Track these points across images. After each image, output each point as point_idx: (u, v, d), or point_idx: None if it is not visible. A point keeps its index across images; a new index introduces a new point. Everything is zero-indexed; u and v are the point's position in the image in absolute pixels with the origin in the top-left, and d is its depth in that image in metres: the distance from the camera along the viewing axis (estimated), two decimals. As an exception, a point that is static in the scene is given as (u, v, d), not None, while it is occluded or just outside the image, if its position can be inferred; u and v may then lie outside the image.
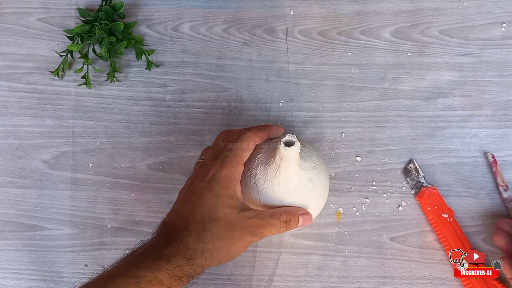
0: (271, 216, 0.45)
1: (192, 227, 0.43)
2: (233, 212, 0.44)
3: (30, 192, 0.59)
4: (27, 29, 0.63)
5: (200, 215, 0.44)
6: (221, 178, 0.45)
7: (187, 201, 0.45)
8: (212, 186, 0.45)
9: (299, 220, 0.47)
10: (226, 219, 0.44)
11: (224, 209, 0.44)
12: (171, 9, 0.63)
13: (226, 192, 0.45)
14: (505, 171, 0.57)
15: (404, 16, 0.62)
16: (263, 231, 0.45)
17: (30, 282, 0.56)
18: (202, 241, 0.43)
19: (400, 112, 0.59)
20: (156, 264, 0.41)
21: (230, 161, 0.46)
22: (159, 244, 0.43)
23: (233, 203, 0.45)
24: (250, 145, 0.48)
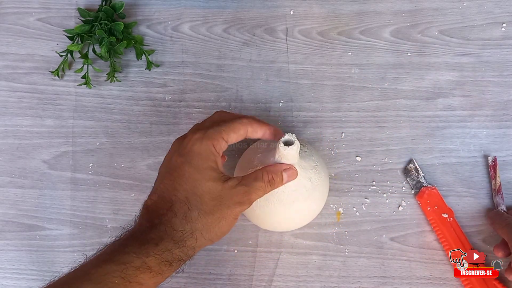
0: (255, 179, 0.44)
1: (176, 207, 0.41)
2: (217, 185, 0.42)
3: (30, 192, 0.58)
4: (27, 29, 0.63)
5: (183, 192, 0.42)
6: (200, 150, 0.43)
7: (168, 179, 0.43)
8: (191, 159, 0.42)
9: (283, 176, 0.45)
10: (211, 193, 0.42)
11: (207, 182, 0.42)
12: (171, 9, 0.63)
13: (207, 165, 0.42)
14: (505, 171, 0.57)
15: (404, 16, 0.62)
16: (250, 197, 0.43)
17: (30, 282, 0.56)
18: (189, 221, 0.41)
19: (400, 112, 0.59)
20: (143, 249, 0.39)
21: (212, 134, 0.44)
22: (144, 228, 0.41)
23: (215, 176, 0.42)
24: (241, 130, 0.45)
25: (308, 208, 0.51)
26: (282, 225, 0.53)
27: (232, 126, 0.45)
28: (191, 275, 0.56)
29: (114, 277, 0.38)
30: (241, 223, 0.56)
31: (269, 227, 0.54)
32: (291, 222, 0.52)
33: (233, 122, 0.45)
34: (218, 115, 0.48)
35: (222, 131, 0.44)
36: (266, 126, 0.48)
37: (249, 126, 0.46)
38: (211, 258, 0.56)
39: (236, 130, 0.45)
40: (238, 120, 0.45)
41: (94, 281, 0.37)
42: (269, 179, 0.44)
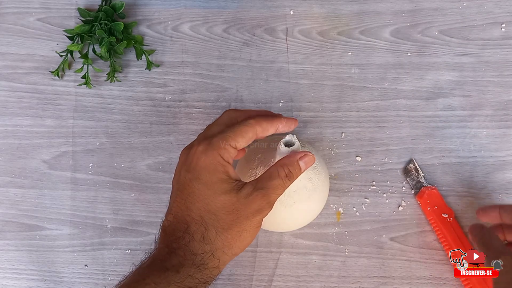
0: (270, 178, 0.41)
1: (193, 228, 0.39)
2: (231, 197, 0.39)
3: (30, 192, 0.58)
4: (27, 29, 0.63)
5: (197, 211, 0.40)
6: (207, 164, 0.40)
7: (180, 197, 0.41)
8: (199, 175, 0.40)
9: (301, 165, 0.42)
10: (226, 208, 0.39)
11: (220, 197, 0.39)
12: (171, 9, 0.63)
13: (216, 178, 0.40)
14: (505, 171, 0.57)
15: (404, 16, 0.62)
16: (270, 199, 0.40)
17: (30, 282, 0.56)
18: (208, 242, 0.39)
19: (400, 112, 0.59)
20: (163, 277, 0.37)
21: (217, 143, 0.41)
22: (163, 253, 0.39)
23: (227, 187, 0.40)
24: (249, 133, 0.42)
25: (309, 208, 0.51)
26: (282, 226, 0.53)
27: (239, 130, 0.42)
28: (191, 275, 0.56)
29: None
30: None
31: (268, 228, 0.54)
32: (292, 223, 0.52)
33: (240, 126, 0.42)
34: (227, 115, 0.46)
35: (228, 138, 0.41)
36: (277, 121, 0.45)
37: (258, 126, 0.43)
38: (211, 258, 0.56)
39: (244, 134, 0.42)
40: (245, 123, 0.43)
41: None
42: (286, 173, 0.41)
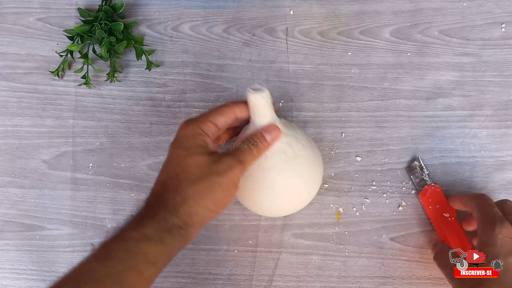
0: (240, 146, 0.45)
1: (168, 183, 0.43)
2: (204, 157, 0.43)
3: (30, 192, 0.58)
4: (27, 29, 0.63)
5: (173, 169, 0.44)
6: (187, 132, 0.45)
7: (164, 166, 0.45)
8: (180, 142, 0.45)
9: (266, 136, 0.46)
10: (198, 164, 0.43)
11: (194, 156, 0.44)
12: (171, 9, 0.63)
13: (194, 143, 0.44)
14: (505, 171, 0.57)
15: (404, 16, 0.62)
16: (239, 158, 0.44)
17: (30, 282, 0.56)
18: (179, 191, 0.42)
19: (400, 112, 0.59)
20: (140, 223, 0.41)
21: (198, 118, 0.46)
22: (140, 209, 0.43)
23: (202, 150, 0.44)
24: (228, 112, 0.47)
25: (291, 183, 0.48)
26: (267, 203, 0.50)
27: (219, 109, 0.47)
28: (191, 275, 0.56)
29: (117, 250, 0.39)
30: (241, 223, 0.56)
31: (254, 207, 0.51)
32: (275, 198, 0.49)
33: (219, 106, 0.47)
34: None
35: (208, 115, 0.46)
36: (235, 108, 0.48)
37: (236, 107, 0.47)
38: (211, 258, 0.56)
39: (223, 113, 0.46)
40: (224, 104, 0.47)
41: (100, 259, 0.39)
42: (251, 142, 0.46)
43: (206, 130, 0.45)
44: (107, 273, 0.38)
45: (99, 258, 0.39)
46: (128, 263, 0.39)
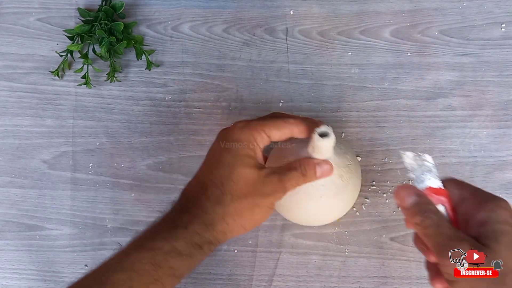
0: (288, 168, 0.43)
1: (210, 190, 0.42)
2: (252, 171, 0.42)
3: (30, 192, 0.59)
4: (27, 29, 0.63)
5: (219, 177, 0.42)
6: (240, 137, 0.43)
7: (206, 164, 0.44)
8: (231, 146, 0.43)
9: (317, 170, 0.44)
10: (245, 179, 0.42)
11: (243, 168, 0.42)
12: (171, 9, 0.63)
13: (244, 152, 0.43)
14: (505, 171, 0.57)
15: (404, 16, 0.62)
16: (284, 185, 0.43)
17: (30, 282, 0.56)
18: (222, 205, 0.41)
19: (400, 112, 0.59)
20: (172, 232, 0.39)
21: (254, 125, 0.44)
22: (176, 211, 0.42)
23: (251, 162, 0.42)
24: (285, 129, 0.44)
25: (336, 205, 0.50)
26: (306, 218, 0.52)
27: (276, 123, 0.45)
28: (191, 275, 0.56)
29: (145, 263, 0.38)
30: (241, 223, 0.56)
31: (293, 219, 0.53)
32: (316, 217, 0.51)
33: (279, 120, 0.45)
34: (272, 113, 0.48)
35: (265, 125, 0.44)
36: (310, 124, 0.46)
37: (296, 127, 0.45)
38: (211, 258, 0.56)
39: (280, 127, 0.44)
40: (285, 119, 0.45)
41: (125, 269, 0.38)
42: (302, 171, 0.44)
43: (259, 140, 0.44)
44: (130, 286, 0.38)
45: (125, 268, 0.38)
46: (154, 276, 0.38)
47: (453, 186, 0.41)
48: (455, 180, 0.42)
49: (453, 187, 0.41)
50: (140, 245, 0.40)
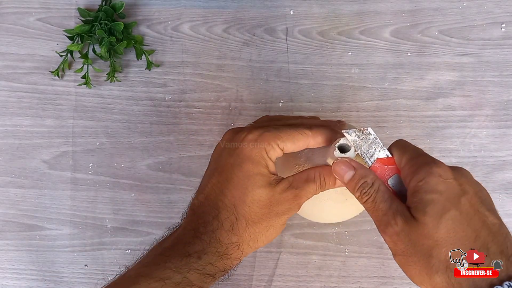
0: (306, 180, 0.41)
1: (223, 215, 0.39)
2: (267, 191, 0.39)
3: (30, 192, 0.59)
4: (27, 29, 0.63)
5: (231, 198, 0.39)
6: (252, 154, 0.40)
7: (216, 179, 0.41)
8: (242, 163, 0.40)
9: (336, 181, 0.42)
10: (260, 201, 0.39)
11: (257, 190, 0.39)
12: (171, 9, 0.63)
13: (257, 170, 0.40)
14: (505, 171, 0.57)
15: (404, 16, 0.62)
16: (300, 201, 0.41)
17: (30, 282, 0.56)
18: (236, 233, 0.39)
19: (400, 112, 0.59)
20: (184, 262, 0.38)
21: (267, 138, 0.40)
22: (188, 236, 0.39)
23: (265, 181, 0.40)
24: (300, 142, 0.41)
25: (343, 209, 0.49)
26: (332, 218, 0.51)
27: (292, 135, 0.41)
28: (191, 275, 0.55)
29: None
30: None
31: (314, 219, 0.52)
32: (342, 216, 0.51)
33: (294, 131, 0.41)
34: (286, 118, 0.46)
35: (279, 138, 0.40)
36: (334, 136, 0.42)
37: (312, 139, 0.42)
38: (211, 258, 0.56)
39: (295, 140, 0.41)
40: (300, 131, 0.41)
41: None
42: (321, 182, 0.41)
43: (272, 154, 0.41)
44: None
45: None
46: None
47: (396, 152, 0.39)
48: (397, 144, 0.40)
49: (396, 153, 0.39)
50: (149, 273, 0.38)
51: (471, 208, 0.35)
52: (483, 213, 0.35)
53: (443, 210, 0.34)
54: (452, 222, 0.34)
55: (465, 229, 0.34)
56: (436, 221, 0.34)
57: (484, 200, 0.36)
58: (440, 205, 0.34)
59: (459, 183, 0.35)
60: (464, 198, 0.35)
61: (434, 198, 0.34)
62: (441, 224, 0.34)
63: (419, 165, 0.36)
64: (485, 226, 0.34)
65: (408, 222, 0.35)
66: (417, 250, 0.34)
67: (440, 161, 0.36)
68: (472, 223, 0.34)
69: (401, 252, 0.36)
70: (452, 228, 0.34)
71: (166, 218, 0.57)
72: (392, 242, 0.36)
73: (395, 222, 0.35)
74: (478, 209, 0.35)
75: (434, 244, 0.34)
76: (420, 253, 0.34)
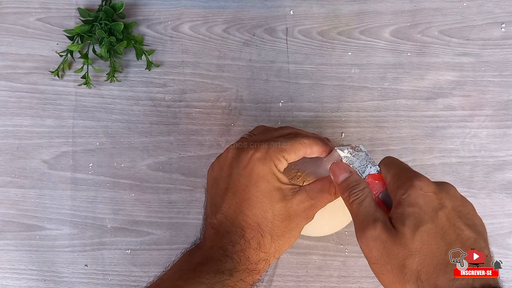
0: (321, 190, 0.43)
1: (249, 234, 0.41)
2: (285, 204, 0.42)
3: (30, 192, 0.59)
4: (27, 29, 0.63)
5: (253, 218, 0.41)
6: (264, 173, 0.42)
7: (232, 199, 0.42)
8: (256, 182, 0.41)
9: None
10: (280, 215, 0.41)
11: (276, 205, 0.41)
12: (171, 9, 0.63)
13: (272, 186, 0.41)
14: (505, 171, 0.57)
15: (404, 16, 0.62)
16: (316, 210, 0.43)
17: (30, 282, 0.56)
18: (263, 250, 0.41)
19: (400, 112, 0.59)
20: (217, 278, 0.39)
21: (273, 154, 0.42)
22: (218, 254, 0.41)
23: (282, 195, 0.42)
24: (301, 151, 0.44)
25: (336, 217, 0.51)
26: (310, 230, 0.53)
27: (294, 146, 0.43)
28: (191, 275, 0.56)
29: None
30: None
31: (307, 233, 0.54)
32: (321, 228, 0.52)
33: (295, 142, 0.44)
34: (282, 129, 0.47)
35: (284, 151, 0.43)
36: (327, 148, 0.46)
37: (309, 148, 0.45)
38: (211, 258, 0.56)
39: (297, 151, 0.44)
40: (300, 141, 0.44)
41: None
42: (334, 192, 0.44)
43: (280, 167, 0.43)
44: None
45: None
46: None
47: (383, 168, 0.42)
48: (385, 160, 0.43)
49: (383, 169, 0.42)
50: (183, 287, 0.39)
51: (447, 222, 0.36)
52: (459, 227, 0.37)
53: (420, 223, 0.36)
54: (427, 234, 0.36)
55: (438, 242, 0.36)
56: (412, 232, 0.36)
57: (463, 214, 0.38)
58: (418, 217, 0.36)
59: (439, 197, 0.37)
60: (442, 212, 0.37)
61: (414, 211, 0.36)
62: (417, 235, 0.36)
63: (403, 180, 0.39)
64: (459, 239, 0.36)
65: (386, 231, 0.37)
66: (391, 259, 0.36)
67: (423, 176, 0.39)
68: (446, 236, 0.36)
69: (375, 260, 0.37)
70: (426, 240, 0.36)
71: (166, 218, 0.57)
72: (367, 249, 0.38)
73: (374, 227, 0.37)
74: (454, 223, 0.37)
75: (408, 254, 0.36)
76: (394, 262, 0.36)
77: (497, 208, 0.57)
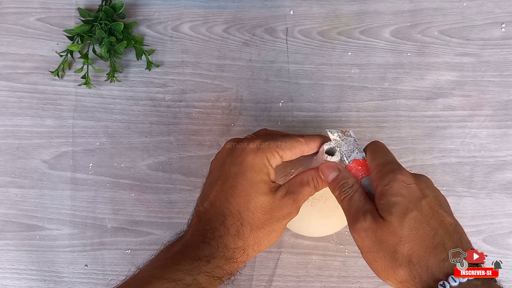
0: (301, 184, 0.44)
1: (229, 221, 0.42)
2: (269, 198, 0.42)
3: (30, 192, 0.59)
4: (27, 29, 0.63)
5: (236, 206, 0.42)
6: (254, 163, 0.42)
7: (220, 187, 0.43)
8: (246, 172, 0.42)
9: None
10: (262, 207, 0.42)
11: (260, 197, 0.42)
12: (171, 9, 0.63)
13: (260, 178, 0.42)
14: (505, 171, 0.57)
15: (404, 16, 0.62)
16: (298, 205, 0.44)
17: (30, 282, 0.56)
18: (242, 238, 0.42)
19: (400, 112, 0.59)
20: (194, 265, 0.40)
21: (267, 147, 0.43)
22: (197, 241, 0.42)
23: (267, 188, 0.42)
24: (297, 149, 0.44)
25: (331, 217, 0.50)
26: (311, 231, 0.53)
27: (289, 144, 0.44)
28: (191, 275, 0.56)
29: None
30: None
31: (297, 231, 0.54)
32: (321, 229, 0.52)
33: (291, 140, 0.45)
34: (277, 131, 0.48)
35: (278, 146, 0.44)
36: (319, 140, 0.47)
37: (306, 145, 0.45)
38: (211, 258, 0.56)
39: (292, 148, 0.44)
40: (295, 139, 0.45)
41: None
42: (315, 184, 0.44)
43: (272, 162, 0.43)
44: None
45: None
46: None
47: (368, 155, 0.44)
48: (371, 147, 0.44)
49: (369, 156, 0.44)
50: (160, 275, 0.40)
51: (430, 210, 0.39)
52: (441, 214, 0.39)
53: (406, 211, 0.38)
54: (414, 221, 0.38)
55: (425, 227, 0.38)
56: (400, 220, 0.38)
57: (442, 203, 0.40)
58: (404, 206, 0.38)
59: (420, 188, 0.39)
60: (425, 200, 0.39)
61: (399, 200, 0.38)
62: (405, 222, 0.38)
63: (386, 172, 0.40)
64: (443, 225, 0.38)
65: (376, 220, 0.39)
66: (383, 246, 0.38)
67: (404, 169, 0.41)
68: (431, 222, 0.38)
69: (368, 249, 0.39)
70: (414, 226, 0.38)
71: (166, 218, 0.57)
72: (360, 239, 0.40)
73: (364, 219, 0.39)
74: (437, 210, 0.39)
75: (398, 240, 0.38)
76: (385, 249, 0.38)
77: (497, 208, 0.57)
